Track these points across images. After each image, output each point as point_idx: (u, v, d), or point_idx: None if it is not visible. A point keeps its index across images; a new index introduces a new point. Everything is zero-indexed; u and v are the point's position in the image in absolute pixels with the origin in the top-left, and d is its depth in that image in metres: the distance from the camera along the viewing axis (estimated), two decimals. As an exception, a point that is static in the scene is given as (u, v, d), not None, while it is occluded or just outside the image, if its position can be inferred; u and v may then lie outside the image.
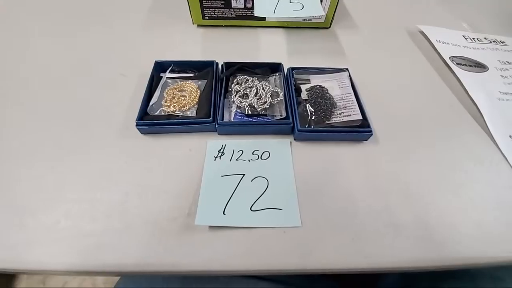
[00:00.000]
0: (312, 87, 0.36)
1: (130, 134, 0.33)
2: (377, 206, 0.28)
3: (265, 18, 0.47)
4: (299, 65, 0.38)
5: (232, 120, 0.33)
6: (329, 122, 0.33)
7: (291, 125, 0.32)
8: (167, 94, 0.35)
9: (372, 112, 0.35)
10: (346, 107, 0.34)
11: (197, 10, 0.45)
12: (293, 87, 0.35)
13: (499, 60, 0.45)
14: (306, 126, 0.32)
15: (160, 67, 0.37)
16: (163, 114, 0.33)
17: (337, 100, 0.35)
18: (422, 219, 0.28)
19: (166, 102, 0.34)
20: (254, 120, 0.33)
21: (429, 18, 0.52)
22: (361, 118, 0.33)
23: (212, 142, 0.32)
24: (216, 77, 0.36)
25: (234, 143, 0.32)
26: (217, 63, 0.38)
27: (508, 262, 0.27)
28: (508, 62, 0.45)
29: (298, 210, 0.28)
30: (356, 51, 0.45)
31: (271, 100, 0.34)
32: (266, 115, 0.34)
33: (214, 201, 0.28)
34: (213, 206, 0.27)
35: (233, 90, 0.35)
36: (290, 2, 0.42)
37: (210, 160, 0.31)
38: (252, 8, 0.44)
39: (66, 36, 0.45)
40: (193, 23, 0.47)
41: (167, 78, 0.37)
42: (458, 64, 0.43)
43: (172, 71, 0.38)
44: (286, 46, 0.45)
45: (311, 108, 0.33)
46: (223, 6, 0.44)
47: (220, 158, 0.31)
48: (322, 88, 0.35)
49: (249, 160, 0.31)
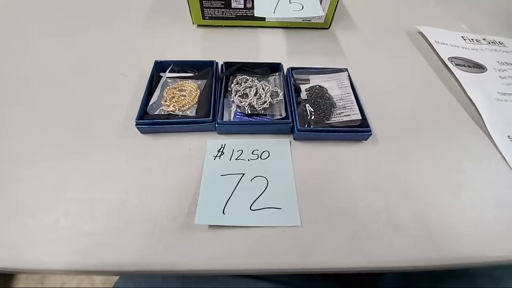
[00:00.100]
0: (312, 87, 0.36)
1: (130, 133, 0.33)
2: (376, 206, 0.29)
3: (265, 18, 0.47)
4: (299, 65, 0.38)
5: (231, 119, 0.33)
6: (328, 122, 0.33)
7: (291, 124, 0.32)
8: (167, 93, 0.35)
9: (372, 112, 0.35)
10: (345, 107, 0.34)
11: (197, 10, 0.45)
12: (292, 87, 0.35)
13: (498, 61, 0.45)
14: (306, 126, 0.32)
15: (160, 66, 0.37)
16: (162, 113, 0.33)
17: (336, 100, 0.35)
18: (421, 219, 0.28)
19: (166, 101, 0.34)
20: (253, 119, 0.33)
21: (428, 19, 0.52)
22: (360, 118, 0.33)
23: (211, 141, 0.32)
24: (216, 76, 0.36)
25: (234, 142, 0.32)
26: (217, 63, 0.38)
27: (507, 261, 0.27)
28: (506, 63, 0.45)
29: (297, 210, 0.28)
30: (356, 51, 0.45)
31: (271, 100, 0.34)
32: (266, 115, 0.34)
33: (213, 200, 0.28)
34: (212, 205, 0.27)
35: (232, 90, 0.35)
36: (290, 2, 0.42)
37: (209, 159, 0.31)
38: (252, 8, 0.45)
39: (66, 36, 0.45)
40: (193, 23, 0.47)
41: (167, 77, 0.37)
42: (457, 64, 0.44)
43: (172, 71, 0.38)
44: (286, 46, 0.45)
45: (310, 108, 0.33)
46: (223, 6, 0.45)
47: (219, 158, 0.31)
48: (321, 88, 0.36)
49: (248, 160, 0.31)
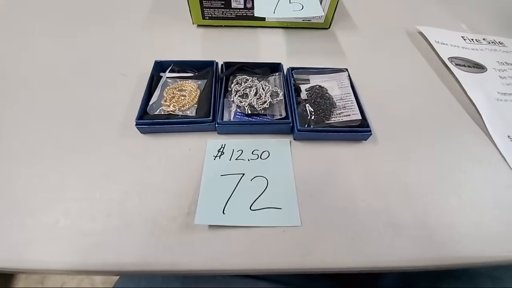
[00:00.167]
0: (312, 87, 0.36)
1: (130, 133, 0.33)
2: (376, 206, 0.29)
3: (264, 18, 0.47)
4: (299, 65, 0.38)
5: (231, 119, 0.33)
6: (328, 122, 0.33)
7: (291, 124, 0.32)
8: (167, 93, 0.35)
9: (371, 112, 0.35)
10: (345, 107, 0.34)
11: (197, 10, 0.45)
12: (292, 87, 0.35)
13: (498, 61, 0.45)
14: (306, 126, 0.32)
15: (160, 66, 0.37)
16: (162, 113, 0.33)
17: (336, 100, 0.35)
18: (421, 219, 0.28)
19: (166, 101, 0.34)
20: (253, 119, 0.33)
21: (428, 19, 0.52)
22: (360, 118, 0.33)
23: (211, 141, 0.32)
24: (216, 76, 0.36)
25: (234, 142, 0.32)
26: (217, 63, 0.38)
27: (507, 261, 0.27)
28: (506, 63, 0.45)
29: (297, 210, 0.28)
30: (356, 51, 0.45)
31: (271, 100, 0.34)
32: (266, 115, 0.34)
33: (213, 200, 0.28)
34: (212, 205, 0.27)
35: (232, 90, 0.35)
36: (290, 2, 0.42)
37: (209, 159, 0.31)
38: (252, 8, 0.45)
39: (66, 36, 0.45)
40: (193, 23, 0.47)
41: (167, 77, 0.37)
42: (457, 64, 0.44)
43: (172, 71, 0.38)
44: (286, 46, 0.45)
45: (310, 108, 0.33)
46: (223, 6, 0.45)
47: (219, 158, 0.31)
48: (321, 88, 0.36)
49: (248, 160, 0.31)
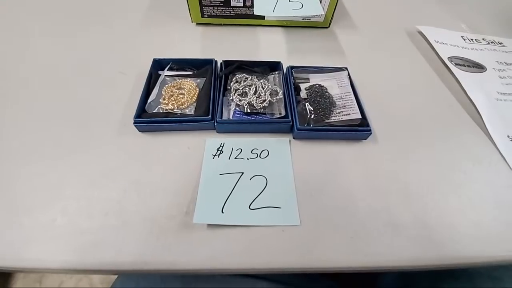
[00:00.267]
0: (311, 86, 0.36)
1: (128, 131, 0.32)
2: (376, 205, 0.28)
3: (264, 17, 0.47)
4: (298, 64, 0.38)
5: (231, 118, 0.33)
6: (328, 121, 0.33)
7: (290, 123, 0.32)
8: (165, 91, 0.35)
9: (371, 111, 0.35)
10: (345, 106, 0.34)
11: (196, 8, 0.45)
12: (292, 86, 0.35)
13: (497, 61, 0.45)
14: (305, 125, 0.32)
15: (159, 64, 0.37)
16: (161, 112, 0.33)
17: (336, 99, 0.35)
18: (421, 219, 0.28)
19: (164, 99, 0.34)
20: (253, 118, 0.33)
21: (428, 19, 0.52)
22: (360, 117, 0.33)
23: (210, 140, 0.32)
24: (215, 75, 0.36)
25: (233, 141, 0.32)
26: (216, 61, 0.38)
27: (507, 261, 0.27)
28: (506, 63, 0.45)
29: (297, 209, 0.27)
30: (355, 50, 0.45)
31: (270, 99, 0.33)
32: (265, 114, 0.33)
33: (212, 199, 0.27)
34: (211, 204, 0.27)
35: (232, 88, 0.35)
36: (290, 1, 0.42)
37: (208, 158, 0.31)
38: (251, 6, 0.44)
39: (66, 36, 0.44)
40: (192, 22, 0.47)
41: (165, 76, 0.36)
42: (456, 64, 0.43)
43: (171, 69, 0.37)
44: (286, 45, 0.45)
45: (310, 107, 0.33)
46: (222, 4, 0.44)
47: (218, 157, 0.31)
48: (321, 87, 0.35)
49: (247, 159, 0.31)
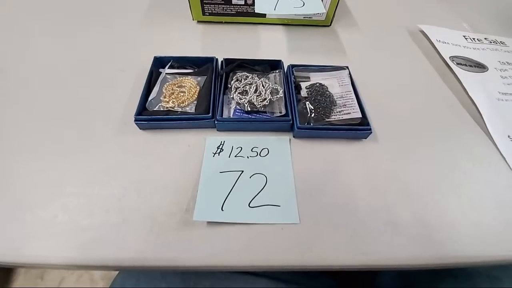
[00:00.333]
0: (312, 85, 0.36)
1: (129, 129, 0.32)
2: (376, 204, 0.28)
3: (265, 15, 0.46)
4: (299, 62, 0.38)
5: (231, 116, 0.33)
6: (328, 120, 0.33)
7: (291, 122, 0.32)
8: (166, 89, 0.35)
9: (372, 110, 0.35)
10: (345, 105, 0.34)
11: (197, 6, 0.45)
12: (293, 85, 0.35)
13: (499, 61, 0.45)
14: (306, 123, 0.32)
15: (159, 62, 0.37)
16: (162, 109, 0.33)
17: (336, 98, 0.35)
18: (421, 218, 0.28)
19: (165, 97, 0.34)
20: (253, 117, 0.33)
21: (429, 18, 0.52)
22: (360, 116, 0.33)
23: (211, 138, 0.32)
24: (215, 73, 0.36)
25: (233, 139, 0.32)
26: (216, 59, 0.38)
27: (506, 261, 0.27)
28: (507, 63, 0.45)
29: (296, 207, 0.27)
30: (357, 49, 0.45)
31: (271, 97, 0.33)
32: (266, 112, 0.33)
33: (212, 197, 0.28)
34: (211, 202, 0.27)
35: (232, 87, 0.35)
36: (291, -1, 0.41)
37: (208, 156, 0.31)
38: (252, 4, 0.44)
39: (66, 36, 0.44)
40: (193, 19, 0.47)
41: (166, 73, 0.36)
42: (458, 64, 0.43)
43: (172, 67, 0.37)
44: (287, 44, 0.45)
45: (310, 105, 0.33)
46: (223, 2, 0.44)
47: (219, 155, 0.31)
48: (322, 86, 0.35)
49: (248, 157, 0.31)
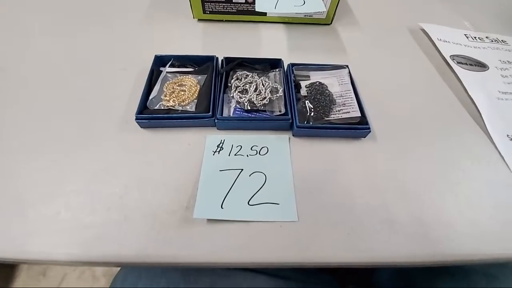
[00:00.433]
0: (312, 84, 0.36)
1: (130, 128, 0.33)
2: (374, 203, 0.29)
3: (266, 14, 0.46)
4: (300, 61, 0.38)
5: (231, 115, 0.33)
6: (328, 118, 0.33)
7: (290, 121, 0.32)
8: (166, 88, 0.35)
9: (371, 109, 0.35)
10: (345, 104, 0.34)
11: (198, 4, 0.45)
12: (292, 84, 0.35)
13: (500, 60, 0.45)
14: (305, 122, 0.33)
15: (160, 61, 0.37)
16: (162, 108, 0.33)
17: (336, 97, 0.35)
18: (418, 216, 0.28)
19: (165, 96, 0.34)
20: (253, 115, 0.33)
21: (430, 16, 0.52)
22: (359, 115, 0.33)
23: (211, 137, 0.33)
24: (216, 72, 0.36)
25: (233, 138, 0.33)
26: (217, 58, 0.38)
27: (504, 259, 0.27)
28: (508, 62, 0.45)
29: (295, 205, 0.28)
30: (357, 48, 0.45)
31: (271, 96, 0.34)
32: (265, 111, 0.34)
33: (212, 195, 0.28)
34: (211, 200, 0.28)
35: (232, 86, 0.35)
36: (292, -3, 0.41)
37: (209, 154, 0.31)
38: (253, 3, 0.44)
39: (66, 36, 0.44)
40: (193, 18, 0.47)
41: (167, 72, 0.37)
42: (458, 63, 0.43)
43: (172, 66, 0.38)
44: (287, 42, 0.45)
45: (310, 104, 0.33)
46: (224, 0, 0.44)
47: (218, 153, 0.31)
48: (321, 85, 0.36)
49: (247, 155, 0.31)
